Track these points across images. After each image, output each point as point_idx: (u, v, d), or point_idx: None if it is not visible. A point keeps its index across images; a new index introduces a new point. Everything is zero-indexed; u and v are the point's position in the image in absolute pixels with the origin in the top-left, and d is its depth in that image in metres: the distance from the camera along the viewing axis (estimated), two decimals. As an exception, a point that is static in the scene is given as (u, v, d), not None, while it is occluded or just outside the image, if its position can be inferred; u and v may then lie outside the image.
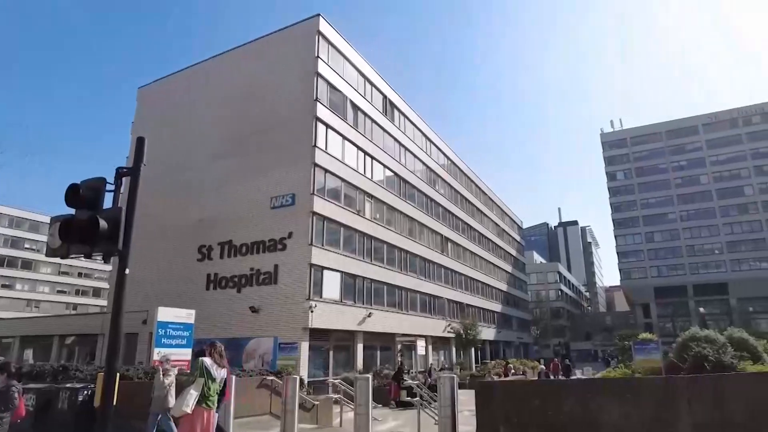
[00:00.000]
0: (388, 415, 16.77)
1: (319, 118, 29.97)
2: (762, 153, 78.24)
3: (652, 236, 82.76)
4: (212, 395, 6.64)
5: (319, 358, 28.07)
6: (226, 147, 32.29)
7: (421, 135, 47.44)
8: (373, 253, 34.27)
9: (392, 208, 38.40)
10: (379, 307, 33.63)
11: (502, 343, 64.85)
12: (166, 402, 8.76)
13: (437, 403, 8.82)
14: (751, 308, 73.84)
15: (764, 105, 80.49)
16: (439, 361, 42.83)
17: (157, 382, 9.05)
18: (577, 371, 35.84)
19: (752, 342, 16.80)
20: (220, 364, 6.91)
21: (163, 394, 8.88)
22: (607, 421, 7.83)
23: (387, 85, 41.15)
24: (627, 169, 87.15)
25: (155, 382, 9.13)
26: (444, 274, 47.42)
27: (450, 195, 52.74)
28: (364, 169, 34.82)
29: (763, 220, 75.73)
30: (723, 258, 77.43)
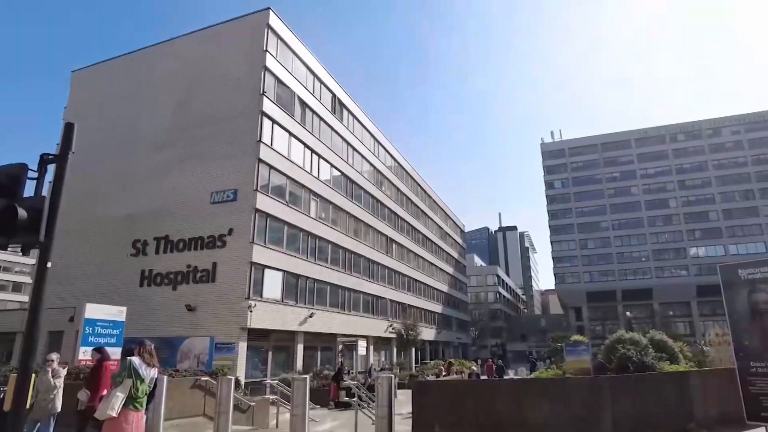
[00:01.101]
0: (326, 416, 16.65)
1: (265, 112, 29.36)
2: (685, 169, 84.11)
3: (585, 243, 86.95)
4: (140, 396, 6.31)
5: (257, 358, 27.48)
6: (164, 138, 30.99)
7: (369, 135, 47.54)
8: (317, 252, 33.95)
9: (338, 208, 38.22)
10: (322, 308, 33.35)
11: (442, 343, 66.08)
12: (53, 407, 7.93)
13: (375, 403, 8.83)
14: (671, 312, 79.28)
15: (687, 124, 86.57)
16: (380, 361, 43.03)
17: (44, 384, 7.98)
18: (510, 371, 37.05)
19: (670, 344, 17.91)
20: (150, 364, 6.58)
21: (49, 398, 7.93)
22: (538, 418, 8.13)
23: (336, 83, 40.94)
24: (564, 178, 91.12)
25: (40, 384, 7.95)
26: (388, 274, 47.72)
27: (396, 197, 53.18)
28: (310, 167, 34.44)
29: (684, 230, 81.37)
30: (649, 265, 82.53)
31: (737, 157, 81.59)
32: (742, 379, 8.81)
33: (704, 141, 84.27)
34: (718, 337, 16.27)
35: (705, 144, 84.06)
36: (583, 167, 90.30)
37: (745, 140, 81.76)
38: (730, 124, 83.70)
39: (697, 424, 9.65)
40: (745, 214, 78.53)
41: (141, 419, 6.38)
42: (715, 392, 10.13)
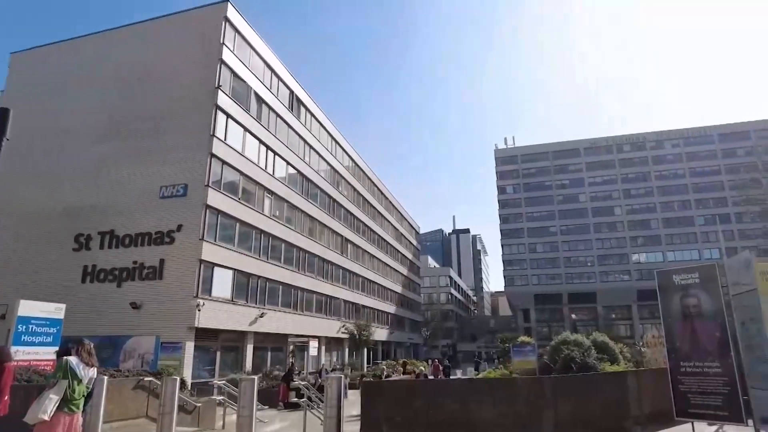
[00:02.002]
0: (275, 417, 16.43)
1: (219, 106, 28.66)
2: (630, 178, 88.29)
3: (534, 247, 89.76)
4: (76, 398, 6.00)
5: (205, 358, 26.76)
6: (111, 129, 29.70)
7: (326, 134, 47.25)
8: (270, 251, 33.41)
9: (293, 207, 37.77)
10: (273, 307, 32.86)
11: (394, 343, 66.49)
12: None
13: (324, 403, 8.79)
14: (614, 315, 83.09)
15: (633, 136, 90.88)
16: (332, 361, 42.83)
17: None
18: (458, 371, 37.66)
19: (611, 345, 18.71)
20: (89, 363, 6.28)
21: None
22: (484, 417, 8.31)
23: (294, 80, 40.47)
24: (516, 183, 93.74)
25: None
26: (342, 275, 47.57)
27: (352, 197, 53.10)
28: (265, 164, 33.86)
29: (627, 237, 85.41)
30: (594, 270, 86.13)
31: (677, 169, 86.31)
32: (672, 378, 9.33)
33: (648, 152, 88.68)
34: (654, 338, 17.06)
35: (648, 155, 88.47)
36: (535, 174, 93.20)
37: (684, 153, 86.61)
38: (671, 137, 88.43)
39: (633, 421, 10.14)
40: (682, 223, 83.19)
41: (76, 422, 6.09)
42: (650, 391, 10.67)
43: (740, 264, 8.71)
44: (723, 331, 8.72)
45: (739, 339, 8.70)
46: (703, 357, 8.94)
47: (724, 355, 8.68)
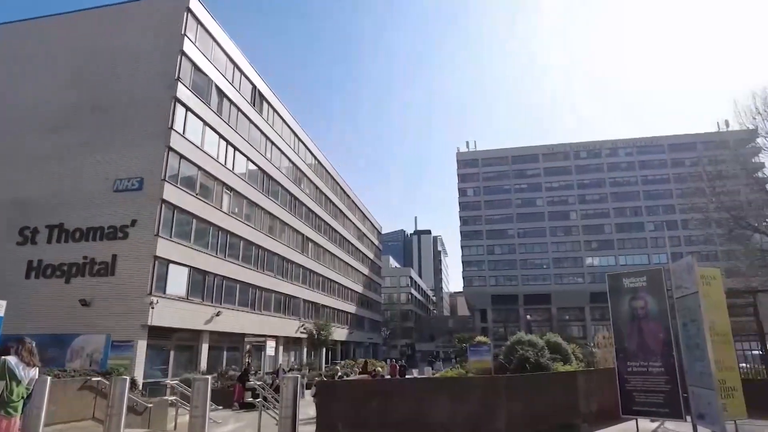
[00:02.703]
0: (229, 418, 16.14)
1: (178, 99, 27.89)
2: (585, 184, 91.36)
3: (493, 249, 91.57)
4: (15, 401, 5.70)
5: (158, 358, 25.97)
6: (63, 118, 28.39)
7: (289, 131, 46.71)
8: (227, 248, 32.75)
9: (253, 203, 37.14)
10: (230, 306, 32.23)
11: (353, 343, 66.41)
12: None
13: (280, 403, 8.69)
14: (567, 316, 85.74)
15: (589, 143, 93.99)
16: (289, 361, 42.37)
17: None
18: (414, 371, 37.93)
19: (564, 346, 19.33)
20: (30, 363, 5.98)
21: None
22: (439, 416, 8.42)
23: (258, 75, 39.84)
24: (476, 186, 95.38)
25: None
26: (302, 274, 47.13)
27: (314, 195, 52.68)
28: (225, 159, 33.17)
29: (582, 241, 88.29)
30: (549, 272, 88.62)
31: (629, 176, 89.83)
32: (620, 377, 9.72)
33: (603, 160, 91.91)
34: (605, 339, 17.66)
35: (604, 162, 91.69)
36: (494, 177, 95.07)
37: (636, 161, 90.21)
38: (625, 146, 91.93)
39: (582, 419, 10.49)
40: (633, 229, 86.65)
41: (14, 425, 5.80)
42: (599, 390, 11.06)
43: (683, 268, 9.13)
44: (666, 332, 9.15)
45: (680, 339, 9.14)
46: (648, 357, 9.34)
47: (666, 355, 9.11)
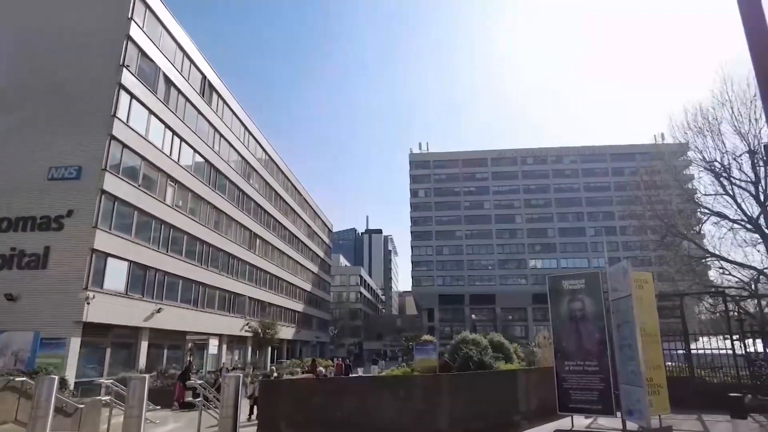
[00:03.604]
0: (168, 418, 15.61)
1: (123, 85, 26.66)
2: (531, 189, 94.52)
3: (441, 250, 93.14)
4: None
5: (93, 356, 24.76)
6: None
7: (239, 124, 45.61)
8: (171, 243, 31.62)
9: (198, 197, 36.02)
10: (172, 303, 31.14)
11: (300, 342, 65.72)
12: None
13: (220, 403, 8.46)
14: (510, 316, 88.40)
15: (536, 150, 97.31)
16: (233, 360, 41.41)
17: None
18: (360, 369, 38.01)
19: (507, 345, 19.91)
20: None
21: None
22: (383, 414, 8.45)
23: (208, 65, 38.68)
24: (427, 188, 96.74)
25: None
26: (249, 271, 46.15)
27: (264, 190, 51.70)
28: (170, 150, 32.00)
29: (526, 244, 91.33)
30: (494, 273, 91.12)
31: (573, 183, 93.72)
32: (558, 376, 10.13)
33: (549, 166, 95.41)
34: (545, 339, 18.28)
35: (549, 169, 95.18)
36: (445, 179, 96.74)
37: (580, 169, 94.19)
38: (570, 153, 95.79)
39: (522, 416, 10.84)
40: (575, 233, 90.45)
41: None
42: (538, 388, 11.47)
43: (619, 272, 9.62)
44: (602, 333, 9.62)
45: (614, 340, 9.62)
46: (584, 357, 9.79)
47: (601, 355, 9.58)
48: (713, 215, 22.10)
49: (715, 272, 24.45)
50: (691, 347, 13.27)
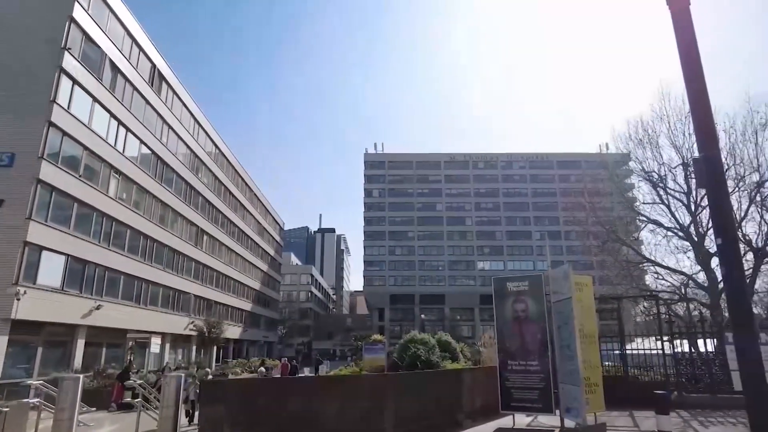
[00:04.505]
0: (104, 420, 14.91)
1: (64, 69, 25.30)
2: (481, 193, 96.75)
3: (394, 250, 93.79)
4: None
5: (22, 355, 23.38)
6: None
7: (189, 116, 44.20)
8: (112, 237, 30.27)
9: (144, 190, 34.65)
10: (112, 299, 29.84)
11: (247, 342, 64.43)
12: None
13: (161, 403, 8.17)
14: (458, 317, 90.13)
15: (487, 155, 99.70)
16: (176, 360, 40.09)
17: None
18: (306, 369, 37.67)
19: (454, 345, 20.24)
20: None
21: None
22: (328, 414, 8.41)
23: (158, 54, 37.28)
24: (382, 188, 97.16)
25: None
26: (195, 268, 44.81)
27: (213, 185, 50.31)
28: (115, 140, 30.63)
29: (475, 246, 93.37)
30: (444, 274, 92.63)
31: (521, 188, 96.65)
32: (501, 375, 10.42)
33: (498, 171, 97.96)
34: (490, 339, 18.74)
35: (499, 173, 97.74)
36: (399, 180, 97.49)
37: (528, 174, 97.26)
38: (519, 159, 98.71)
39: (465, 415, 11.06)
40: (522, 237, 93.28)
41: None
42: (482, 387, 11.74)
43: (560, 275, 9.99)
44: (543, 334, 9.97)
45: (554, 340, 9.99)
46: (526, 356, 10.11)
47: (542, 355, 9.92)
48: (650, 223, 23.41)
49: (650, 277, 25.82)
50: (626, 348, 13.95)
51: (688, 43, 5.73)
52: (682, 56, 5.76)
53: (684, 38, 5.76)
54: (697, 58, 5.68)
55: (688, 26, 5.76)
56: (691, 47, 5.71)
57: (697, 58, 5.68)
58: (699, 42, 5.75)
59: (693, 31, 5.75)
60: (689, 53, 5.71)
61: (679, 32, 5.80)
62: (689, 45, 5.73)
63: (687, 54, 5.72)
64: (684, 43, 5.76)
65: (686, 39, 5.75)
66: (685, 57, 5.73)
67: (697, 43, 5.73)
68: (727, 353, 11.86)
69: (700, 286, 21.89)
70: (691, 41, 5.73)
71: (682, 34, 5.77)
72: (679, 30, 5.80)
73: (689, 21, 5.77)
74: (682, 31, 5.77)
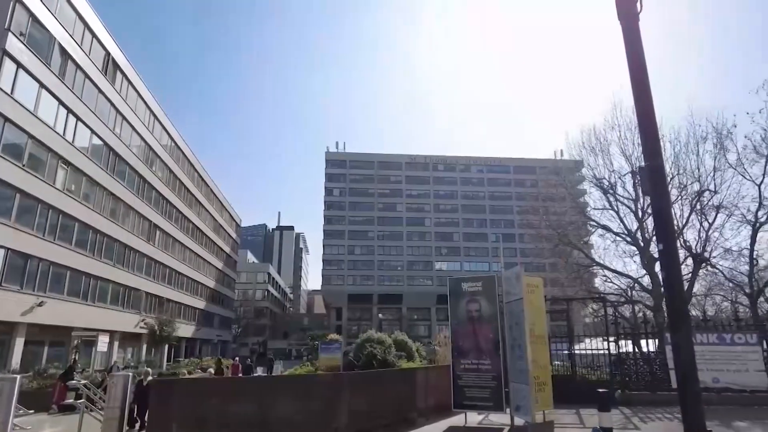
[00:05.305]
0: (43, 423, 14.22)
1: (8, 52, 23.99)
2: (441, 194, 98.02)
3: (353, 249, 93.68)
4: None
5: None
6: None
7: (144, 107, 42.73)
8: (59, 230, 28.92)
9: (94, 182, 33.26)
10: (57, 295, 28.50)
11: (200, 340, 62.88)
12: None
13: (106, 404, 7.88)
14: (416, 316, 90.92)
15: (447, 157, 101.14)
16: (125, 359, 38.69)
17: None
18: (259, 369, 37.14)
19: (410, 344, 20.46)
20: None
21: None
22: (281, 415, 8.33)
23: (113, 41, 35.87)
24: (343, 187, 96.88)
25: None
26: (147, 264, 43.36)
27: (168, 179, 48.82)
28: (64, 129, 29.28)
29: (433, 247, 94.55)
30: (402, 274, 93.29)
31: (479, 191, 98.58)
32: (454, 374, 10.59)
33: (457, 174, 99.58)
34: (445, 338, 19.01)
35: (458, 176, 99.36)
36: (360, 180, 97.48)
37: (486, 178, 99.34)
38: (477, 163, 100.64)
39: (419, 413, 11.19)
40: (478, 239, 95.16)
41: None
42: (436, 386, 11.90)
43: (513, 276, 10.27)
44: (495, 333, 10.21)
45: (506, 340, 10.25)
46: (479, 356, 10.33)
47: (494, 354, 10.15)
48: (600, 228, 24.36)
49: (599, 280, 26.84)
50: (575, 348, 14.45)
51: (637, 57, 6.02)
52: (631, 69, 6.04)
53: (632, 51, 6.04)
54: (645, 71, 5.97)
55: (637, 40, 6.04)
56: (639, 61, 6.00)
57: (644, 71, 5.96)
58: (648, 55, 6.04)
59: (641, 45, 6.04)
60: (637, 66, 5.99)
61: (629, 45, 6.08)
62: (637, 58, 6.01)
63: (635, 67, 6.01)
64: (632, 57, 6.04)
65: (635, 52, 6.03)
66: (634, 70, 6.01)
67: (645, 57, 6.02)
68: (666, 353, 12.47)
69: (644, 289, 22.91)
70: (639, 55, 6.01)
71: (631, 48, 6.05)
72: (629, 43, 6.08)
73: (638, 35, 6.06)
74: (631, 44, 6.05)
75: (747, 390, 11.91)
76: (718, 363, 12.19)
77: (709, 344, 12.37)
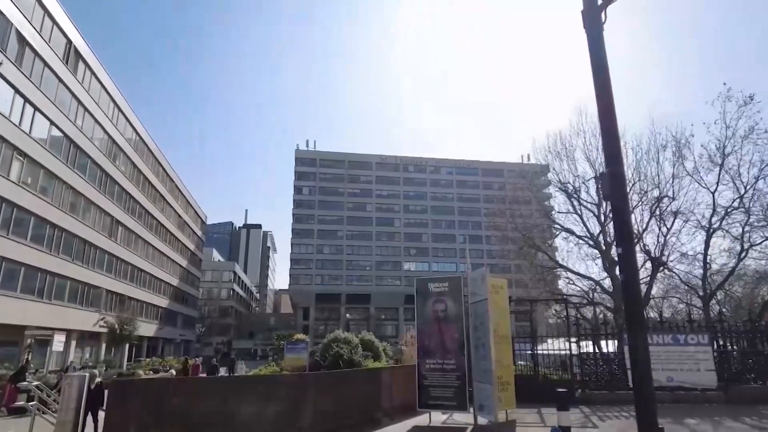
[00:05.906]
0: (-9, 425, 13.61)
1: (-39, 38, 22.87)
2: (411, 195, 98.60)
3: (322, 248, 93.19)
4: None
5: None
6: None
7: (108, 99, 41.41)
8: (12, 224, 27.74)
9: (52, 175, 32.02)
10: (9, 293, 27.35)
11: (163, 340, 61.38)
12: None
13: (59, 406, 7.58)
14: (384, 316, 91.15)
15: (417, 159, 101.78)
16: (83, 358, 37.40)
17: None
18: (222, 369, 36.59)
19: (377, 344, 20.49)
20: None
21: None
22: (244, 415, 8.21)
23: (75, 29, 34.63)
24: (312, 186, 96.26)
25: None
26: (107, 260, 42.04)
27: (131, 174, 47.46)
28: (20, 119, 28.10)
29: (402, 247, 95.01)
30: (371, 274, 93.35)
31: (448, 192, 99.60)
32: (419, 373, 10.66)
33: (427, 175, 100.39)
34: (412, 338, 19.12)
35: (427, 178, 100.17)
36: (330, 179, 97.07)
37: (455, 180, 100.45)
38: (447, 165, 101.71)
39: (384, 413, 11.21)
40: (446, 240, 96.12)
41: None
42: (401, 385, 11.95)
43: (478, 277, 10.40)
44: (461, 333, 10.31)
45: (471, 340, 10.38)
46: (444, 355, 10.42)
47: (459, 354, 10.26)
48: (564, 231, 24.94)
49: (562, 282, 27.47)
50: (538, 348, 14.75)
51: (600, 66, 6.19)
52: (595, 77, 6.21)
53: (596, 60, 6.21)
54: (608, 80, 6.15)
55: (601, 49, 6.22)
56: (602, 69, 6.18)
57: (607, 80, 6.14)
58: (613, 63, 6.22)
59: (605, 55, 6.22)
60: (600, 75, 6.17)
61: (593, 54, 6.25)
62: (601, 67, 6.19)
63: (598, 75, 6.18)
64: (596, 65, 6.21)
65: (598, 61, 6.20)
66: (597, 78, 6.18)
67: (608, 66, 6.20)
68: (625, 353, 12.87)
69: (605, 291, 23.57)
70: (602, 64, 6.19)
71: (595, 57, 6.23)
72: (593, 52, 6.25)
73: (602, 44, 6.24)
74: (595, 53, 6.23)
75: (698, 388, 12.41)
76: (673, 363, 12.66)
77: (664, 345, 12.83)
